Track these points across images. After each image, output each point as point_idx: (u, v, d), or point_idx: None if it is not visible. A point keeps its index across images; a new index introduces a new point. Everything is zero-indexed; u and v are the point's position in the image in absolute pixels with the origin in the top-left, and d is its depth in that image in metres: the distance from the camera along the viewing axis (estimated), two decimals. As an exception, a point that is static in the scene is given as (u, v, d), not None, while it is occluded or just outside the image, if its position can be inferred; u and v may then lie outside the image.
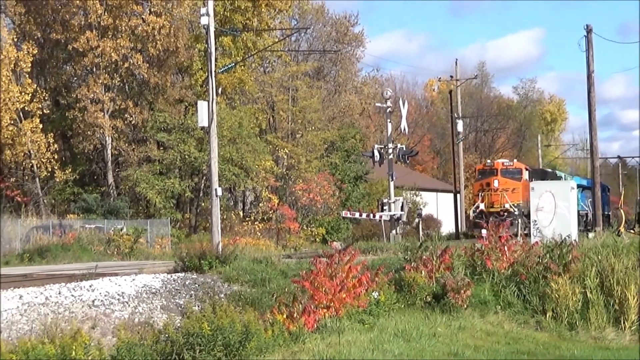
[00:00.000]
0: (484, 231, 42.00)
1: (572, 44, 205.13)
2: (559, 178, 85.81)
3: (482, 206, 75.85)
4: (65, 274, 32.86)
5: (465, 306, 28.84)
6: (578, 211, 74.97)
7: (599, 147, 70.94)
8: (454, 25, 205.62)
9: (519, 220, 71.43)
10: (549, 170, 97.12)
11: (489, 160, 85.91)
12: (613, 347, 25.88)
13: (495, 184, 76.56)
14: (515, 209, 72.92)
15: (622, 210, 72.45)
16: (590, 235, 45.06)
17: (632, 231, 43.28)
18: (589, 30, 64.59)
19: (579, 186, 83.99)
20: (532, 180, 70.04)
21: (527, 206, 66.58)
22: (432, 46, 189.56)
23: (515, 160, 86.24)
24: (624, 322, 27.64)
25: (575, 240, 37.09)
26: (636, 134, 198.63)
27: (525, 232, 61.78)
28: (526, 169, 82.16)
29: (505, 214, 72.49)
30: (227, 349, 20.01)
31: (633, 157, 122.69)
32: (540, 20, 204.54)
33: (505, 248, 32.40)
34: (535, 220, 44.83)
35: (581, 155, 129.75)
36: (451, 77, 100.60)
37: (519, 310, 29.12)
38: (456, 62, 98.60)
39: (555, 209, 44.28)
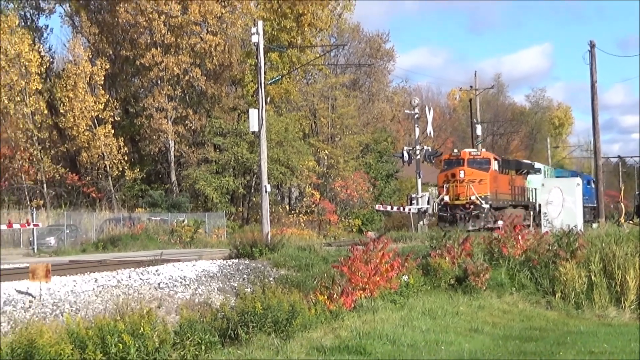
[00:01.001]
0: (500, 222, 42.00)
1: (577, 57, 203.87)
2: (537, 170, 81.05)
3: (446, 198, 64.07)
4: (135, 260, 32.95)
5: (484, 288, 28.79)
6: None
7: (602, 148, 69.33)
8: (473, 42, 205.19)
9: (486, 213, 62.80)
10: (525, 161, 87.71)
11: (455, 150, 72.96)
12: (614, 323, 25.75)
13: (461, 174, 64.41)
14: (482, 201, 62.39)
15: (622, 204, 71.33)
16: (594, 225, 44.90)
17: (631, 222, 43.08)
18: (592, 46, 64.51)
19: (561, 178, 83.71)
20: (504, 171, 69.27)
21: (496, 198, 64.06)
22: (453, 60, 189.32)
23: (483, 150, 76.48)
24: (624, 302, 27.52)
25: (580, 230, 37.02)
26: (635, 136, 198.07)
27: (495, 225, 54.43)
28: (495, 159, 69.99)
29: (472, 206, 62.82)
30: (275, 325, 20.03)
31: (632, 157, 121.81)
32: (549, 36, 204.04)
33: (519, 237, 32.30)
34: (546, 213, 45.25)
35: (586, 156, 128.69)
36: (471, 87, 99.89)
37: (531, 291, 29.04)
38: (475, 74, 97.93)
39: (563, 203, 44.62)
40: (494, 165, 66.67)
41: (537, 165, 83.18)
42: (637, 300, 27.51)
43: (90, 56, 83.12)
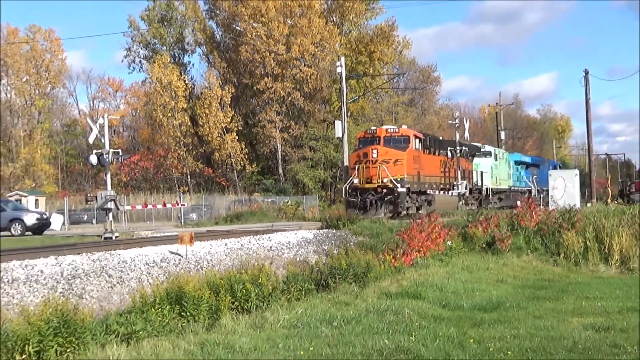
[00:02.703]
0: (518, 202, 41.41)
1: (576, 81, 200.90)
2: (487, 153, 61.04)
3: (355, 181, 44.89)
4: (253, 230, 33.09)
5: (507, 250, 28.55)
6: (518, 187, 66.24)
7: (594, 147, 68.20)
8: (499, 70, 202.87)
9: (402, 198, 42.72)
10: (469, 143, 64.60)
11: (372, 127, 52.72)
12: (604, 276, 25.49)
13: (374, 154, 45.13)
14: (398, 185, 42.96)
15: (609, 189, 69.51)
16: (588, 204, 44.40)
17: (615, 202, 42.56)
18: (586, 73, 63.37)
19: (522, 163, 71.42)
20: (434, 152, 49.28)
21: (418, 181, 45.06)
22: (484, 83, 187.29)
23: (403, 126, 53.13)
24: (610, 261, 27.17)
25: (578, 207, 36.60)
26: (619, 139, 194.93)
27: (418, 211, 42.07)
28: (417, 137, 48.27)
29: (384, 190, 43.65)
30: (355, 277, 20.03)
31: (616, 154, 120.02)
32: (556, 66, 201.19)
33: (533, 213, 32.00)
34: (552, 195, 44.63)
35: (582, 153, 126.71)
36: (497, 103, 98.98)
37: (542, 253, 28.76)
38: (500, 94, 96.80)
39: (565, 188, 44.13)
40: (415, 144, 46.37)
41: (487, 148, 61.39)
42: (620, 259, 27.18)
43: (220, 83, 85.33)
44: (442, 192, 47.99)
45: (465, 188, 52.88)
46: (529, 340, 13.78)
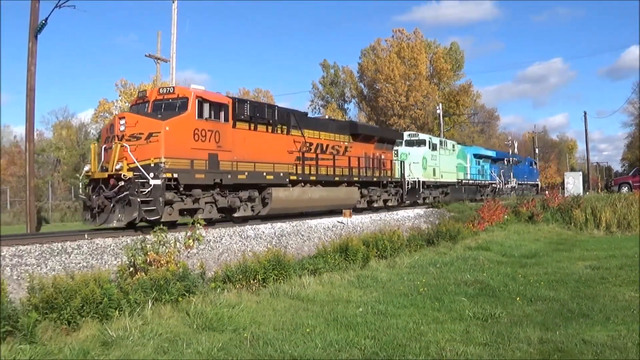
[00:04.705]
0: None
1: (579, 118, 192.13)
2: (399, 135, 33.66)
3: (87, 168, 16.38)
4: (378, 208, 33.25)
5: (540, 221, 27.72)
6: (477, 181, 42.88)
7: (590, 159, 65.52)
8: (534, 112, 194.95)
9: (154, 193, 14.99)
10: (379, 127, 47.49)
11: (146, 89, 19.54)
12: (596, 237, 24.46)
13: (121, 126, 15.45)
14: (146, 172, 14.87)
15: (599, 184, 65.94)
16: (587, 193, 42.72)
17: (603, 192, 40.80)
18: (585, 113, 63.57)
19: (485, 157, 46.33)
20: (273, 129, 18.88)
21: (211, 167, 16.95)
22: (525, 119, 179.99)
23: (192, 86, 17.56)
24: (600, 227, 26.19)
25: (581, 195, 35.53)
26: (605, 153, 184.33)
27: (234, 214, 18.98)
28: (198, 98, 16.57)
29: (120, 183, 14.86)
30: (450, 237, 19.88)
31: (602, 163, 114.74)
32: (568, 109, 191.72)
33: (556, 199, 31.21)
34: (567, 187, 43.64)
35: (583, 162, 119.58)
36: (533, 131, 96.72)
37: (561, 223, 27.69)
38: (534, 126, 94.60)
39: (574, 183, 43.56)
40: (192, 109, 16.33)
41: (422, 136, 35.96)
42: (605, 226, 26.17)
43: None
44: (300, 185, 22.14)
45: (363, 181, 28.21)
46: (553, 275, 13.94)
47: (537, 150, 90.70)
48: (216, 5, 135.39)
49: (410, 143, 34.25)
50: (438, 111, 60.08)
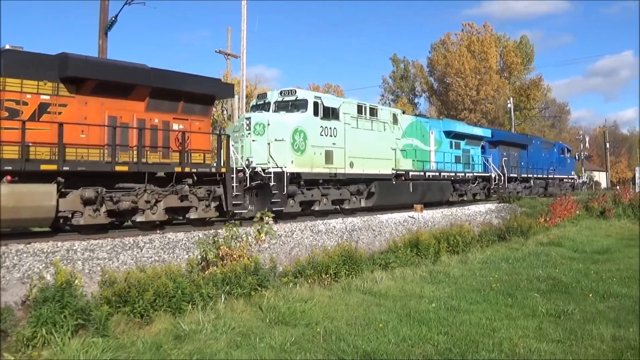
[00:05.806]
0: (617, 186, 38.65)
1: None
2: (288, 93, 18.43)
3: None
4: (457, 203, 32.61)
5: (612, 216, 26.72)
6: (462, 173, 29.40)
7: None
8: (605, 105, 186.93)
9: None
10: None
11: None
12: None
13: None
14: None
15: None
16: None
17: None
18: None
19: (475, 137, 31.21)
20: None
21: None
22: (596, 114, 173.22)
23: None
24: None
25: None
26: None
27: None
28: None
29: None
30: (521, 232, 19.38)
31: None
32: (637, 102, 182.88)
33: (627, 194, 30.04)
34: (637, 183, 41.72)
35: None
36: (604, 125, 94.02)
37: (632, 218, 26.62)
38: (605, 120, 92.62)
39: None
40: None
41: (301, 94, 18.62)
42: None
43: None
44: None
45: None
46: (626, 271, 13.39)
47: (607, 145, 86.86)
48: (286, 4, 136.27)
49: (263, 107, 18.98)
50: (509, 105, 58.51)
